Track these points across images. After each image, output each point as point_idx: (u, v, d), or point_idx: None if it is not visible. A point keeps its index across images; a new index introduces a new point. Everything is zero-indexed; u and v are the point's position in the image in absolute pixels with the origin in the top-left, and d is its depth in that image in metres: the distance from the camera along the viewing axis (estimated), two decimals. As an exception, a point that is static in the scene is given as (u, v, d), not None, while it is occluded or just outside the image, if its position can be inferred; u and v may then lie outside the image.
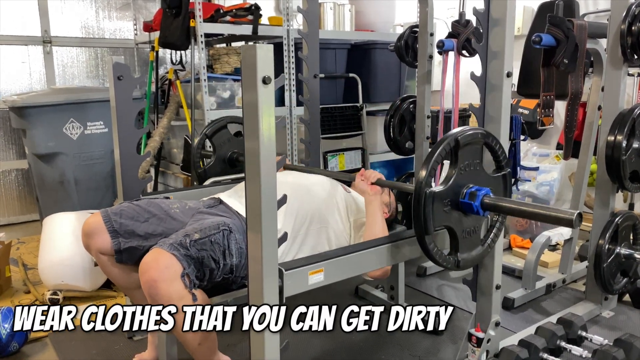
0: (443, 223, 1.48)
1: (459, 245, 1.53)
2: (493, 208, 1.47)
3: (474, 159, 1.51)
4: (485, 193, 1.47)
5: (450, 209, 1.48)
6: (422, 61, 2.69)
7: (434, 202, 1.42)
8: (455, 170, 1.47)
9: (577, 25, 2.00)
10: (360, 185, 1.93)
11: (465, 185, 1.49)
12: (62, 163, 3.03)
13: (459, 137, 1.44)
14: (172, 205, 1.82)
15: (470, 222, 1.54)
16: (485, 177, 1.55)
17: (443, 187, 1.45)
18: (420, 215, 1.41)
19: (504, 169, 1.60)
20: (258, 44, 1.16)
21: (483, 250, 1.61)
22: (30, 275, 2.80)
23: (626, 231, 2.23)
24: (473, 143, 1.49)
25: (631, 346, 1.82)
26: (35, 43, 3.95)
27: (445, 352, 2.05)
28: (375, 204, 1.88)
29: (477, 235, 1.59)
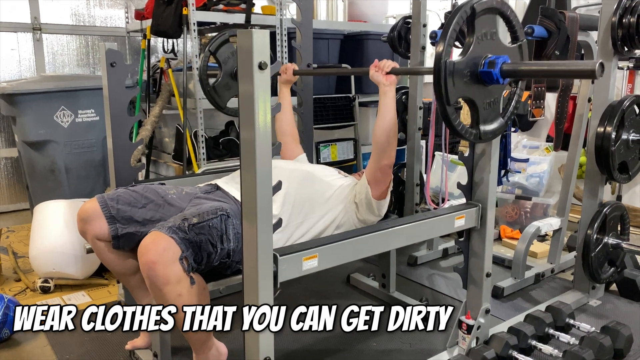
0: (463, 94, 1.43)
1: (480, 117, 1.50)
2: (513, 73, 1.44)
3: (490, 29, 1.46)
4: (504, 60, 1.43)
5: (470, 81, 1.43)
6: (415, 52, 2.70)
7: (454, 73, 1.37)
8: (473, 39, 1.41)
9: (568, 18, 2.02)
10: (375, 76, 1.88)
11: (484, 56, 1.44)
12: (53, 151, 3.00)
13: (475, 4, 1.38)
14: (169, 191, 1.82)
15: (490, 93, 1.50)
16: (503, 47, 1.50)
17: (462, 57, 1.40)
18: (441, 87, 1.36)
19: (520, 39, 1.55)
20: (254, 30, 1.16)
21: (503, 122, 1.57)
22: (21, 264, 2.79)
23: (614, 221, 2.27)
24: (488, 11, 1.43)
25: (617, 333, 1.86)
26: (24, 30, 3.91)
27: (436, 340, 2.07)
28: (390, 94, 1.85)
29: (497, 106, 1.54)
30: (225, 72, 2.50)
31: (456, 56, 1.39)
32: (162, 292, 1.47)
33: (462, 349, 1.85)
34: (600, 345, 1.78)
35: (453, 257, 2.99)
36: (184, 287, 1.49)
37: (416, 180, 2.83)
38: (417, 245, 3.00)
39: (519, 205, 3.30)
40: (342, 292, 2.51)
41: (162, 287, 1.46)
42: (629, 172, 2.22)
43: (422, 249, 2.99)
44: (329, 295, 2.46)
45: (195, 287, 1.51)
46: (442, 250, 2.99)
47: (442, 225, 1.78)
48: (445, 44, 1.34)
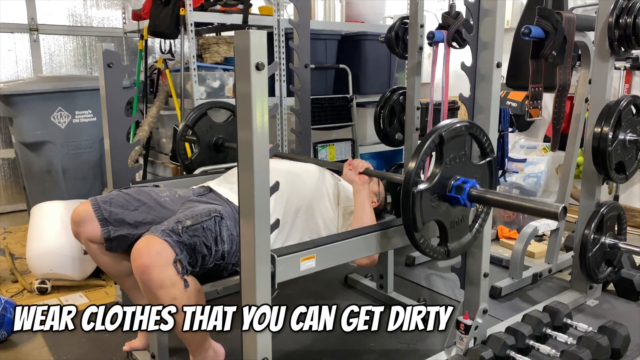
0: (432, 217, 1.50)
1: (448, 236, 1.55)
2: (480, 200, 1.49)
3: (459, 151, 1.53)
4: (472, 185, 1.49)
5: (439, 202, 1.50)
6: (412, 52, 2.70)
7: (422, 198, 1.44)
8: (441, 167, 1.49)
9: (565, 18, 2.03)
10: (349, 175, 1.94)
11: (452, 177, 1.51)
12: (50, 152, 3.00)
13: (443, 132, 1.46)
14: (162, 194, 1.82)
15: (458, 212, 1.56)
16: (471, 166, 1.57)
17: (429, 183, 1.46)
18: (409, 213, 1.43)
19: (489, 155, 1.62)
20: (251, 30, 1.16)
21: (472, 237, 1.64)
22: (18, 265, 2.78)
23: (611, 221, 2.27)
24: (458, 136, 1.51)
25: (615, 333, 1.86)
26: (21, 30, 3.90)
27: (434, 340, 2.08)
28: (363, 193, 1.89)
29: (465, 223, 1.60)
30: (203, 146, 2.52)
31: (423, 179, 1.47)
32: (156, 296, 1.47)
33: (460, 349, 1.85)
34: (598, 345, 1.78)
35: (451, 258, 2.99)
36: (178, 290, 1.48)
37: (414, 181, 2.83)
38: (415, 246, 3.00)
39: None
40: (340, 292, 2.51)
41: (157, 290, 1.46)
42: (625, 172, 2.22)
43: (419, 249, 2.99)
44: (326, 296, 2.46)
45: (189, 290, 1.50)
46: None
47: (439, 225, 1.78)
48: (413, 173, 1.42)
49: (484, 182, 1.61)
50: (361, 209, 1.86)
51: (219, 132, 2.54)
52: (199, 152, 2.51)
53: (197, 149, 2.52)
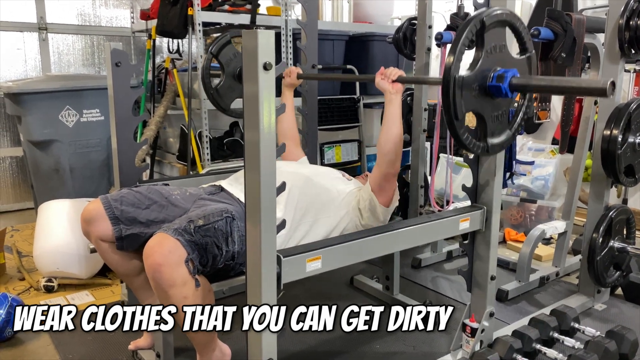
0: (472, 108, 1.43)
1: (487, 130, 1.49)
2: (522, 88, 1.43)
3: (499, 42, 1.45)
4: (513, 74, 1.42)
5: (479, 94, 1.43)
6: (420, 53, 2.69)
7: (463, 87, 1.37)
8: (482, 54, 1.41)
9: (575, 20, 2.01)
10: (381, 84, 1.88)
11: (492, 69, 1.44)
12: (58, 150, 3.01)
13: (484, 17, 1.37)
14: (173, 192, 1.82)
15: (498, 106, 1.49)
16: (511, 59, 1.49)
17: (471, 70, 1.39)
18: (449, 102, 1.36)
19: (528, 50, 1.54)
20: (259, 30, 1.16)
21: (511, 134, 1.56)
22: (25, 263, 2.79)
23: (620, 225, 2.25)
24: (497, 25, 1.43)
25: (623, 338, 1.85)
26: (30, 29, 3.92)
27: (440, 342, 2.07)
28: (396, 102, 1.84)
29: (504, 118, 1.54)
30: (228, 74, 2.49)
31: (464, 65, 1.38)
32: (167, 295, 1.47)
33: (466, 352, 1.84)
34: (606, 349, 1.77)
35: (457, 260, 2.98)
36: (190, 289, 1.48)
37: (420, 182, 2.82)
38: (421, 248, 2.99)
39: (523, 208, 3.28)
40: (346, 294, 2.51)
41: (168, 289, 1.46)
42: (635, 176, 2.20)
43: (426, 251, 2.98)
44: (332, 297, 2.46)
45: (200, 289, 1.51)
46: (447, 253, 2.98)
47: (446, 227, 1.77)
48: (455, 58, 1.34)
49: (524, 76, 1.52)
50: (392, 120, 1.82)
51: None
52: (224, 80, 2.48)
53: (223, 78, 2.48)
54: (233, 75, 2.50)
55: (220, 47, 2.43)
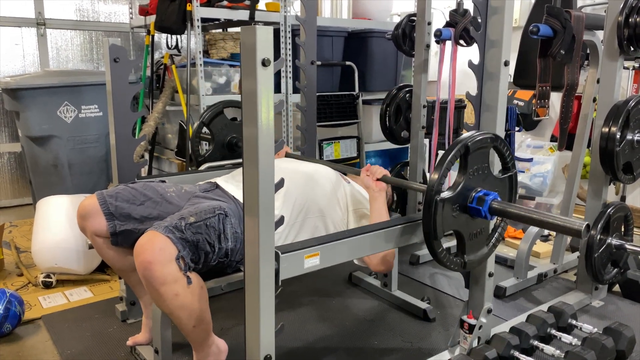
0: (452, 227, 1.50)
1: (466, 247, 1.55)
2: (501, 213, 1.49)
3: (482, 163, 1.53)
4: (493, 198, 1.49)
5: (459, 213, 1.50)
6: (419, 50, 2.69)
7: (444, 207, 1.44)
8: (464, 176, 1.48)
9: (574, 17, 2.01)
10: (366, 181, 1.91)
11: (474, 189, 1.51)
12: (56, 146, 3.01)
13: (469, 143, 1.46)
14: (168, 189, 1.82)
15: (477, 225, 1.56)
16: (493, 179, 1.57)
17: (452, 192, 1.46)
18: (430, 222, 1.43)
19: (511, 170, 1.62)
20: (258, 26, 1.15)
21: (488, 250, 1.63)
22: (23, 258, 2.79)
23: (618, 222, 2.25)
24: (483, 147, 1.51)
25: (620, 334, 1.85)
26: (28, 25, 3.91)
27: (437, 338, 2.07)
28: (380, 200, 1.87)
29: (482, 236, 1.60)
30: (217, 143, 2.53)
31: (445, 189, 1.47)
32: (158, 292, 1.47)
33: (464, 349, 1.85)
34: (603, 346, 1.77)
35: (455, 256, 2.98)
36: (181, 286, 1.48)
37: (419, 179, 2.82)
38: (419, 244, 3.00)
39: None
40: (344, 290, 2.51)
41: (159, 287, 1.45)
42: (633, 173, 2.20)
43: (424, 248, 2.98)
44: (330, 294, 2.46)
45: (192, 286, 1.50)
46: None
47: (444, 224, 1.77)
48: (437, 181, 1.42)
49: (504, 196, 1.61)
50: (378, 216, 1.84)
51: (234, 131, 2.55)
52: (212, 149, 2.51)
53: (212, 146, 2.51)
54: (222, 145, 2.55)
55: (211, 117, 2.48)
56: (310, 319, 2.21)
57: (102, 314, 2.23)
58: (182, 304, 1.50)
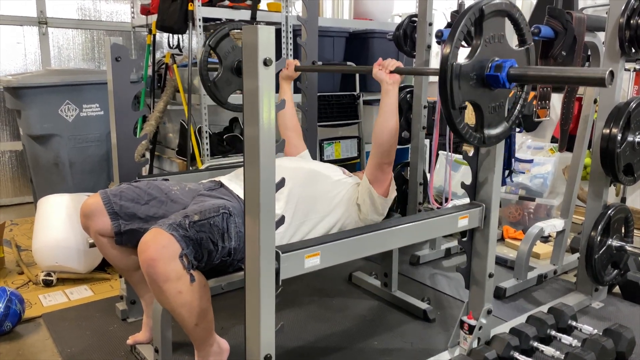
0: (469, 98, 1.42)
1: (484, 121, 1.48)
2: (520, 78, 1.42)
3: (498, 31, 1.44)
4: (511, 64, 1.42)
5: (476, 84, 1.42)
6: (420, 51, 2.69)
7: (460, 75, 1.36)
8: (481, 42, 1.40)
9: (576, 18, 2.01)
10: (379, 75, 1.87)
11: (490, 59, 1.43)
12: (57, 145, 3.01)
13: (484, 6, 1.37)
14: (172, 188, 1.82)
15: (496, 97, 1.48)
16: (510, 50, 1.49)
17: (468, 60, 1.39)
18: (446, 90, 1.35)
19: (527, 42, 1.54)
20: (260, 25, 1.15)
21: (508, 126, 1.56)
22: (24, 257, 2.79)
23: (618, 223, 2.26)
24: (497, 14, 1.42)
25: (620, 336, 1.85)
26: (30, 24, 3.91)
27: (437, 339, 2.07)
28: (393, 93, 1.83)
29: (502, 110, 1.53)
30: (226, 67, 2.48)
31: (462, 58, 1.38)
32: (161, 290, 1.47)
33: (464, 349, 1.85)
34: (603, 347, 1.77)
35: (456, 257, 2.98)
36: (184, 284, 1.48)
37: (420, 180, 2.82)
38: (420, 245, 3.00)
39: (522, 206, 3.29)
40: (344, 290, 2.51)
41: (162, 284, 1.46)
42: (634, 175, 2.21)
43: (424, 248, 2.99)
44: (330, 294, 2.46)
45: (195, 284, 1.51)
46: (445, 250, 2.98)
47: (445, 224, 1.77)
48: (452, 45, 1.33)
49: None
50: (389, 110, 1.81)
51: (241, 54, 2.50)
52: (222, 73, 2.47)
53: (220, 70, 2.48)
54: (231, 69, 2.50)
55: (218, 39, 2.42)
56: (310, 319, 2.21)
57: (103, 312, 2.24)
58: (184, 302, 1.50)
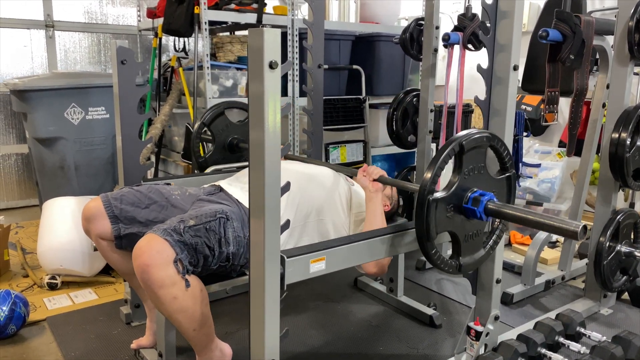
0: (446, 228, 1.46)
1: (461, 249, 1.52)
2: (496, 214, 1.45)
3: (478, 163, 1.49)
4: (489, 198, 1.45)
5: (454, 214, 1.46)
6: (427, 54, 2.68)
7: (437, 208, 1.41)
8: (459, 176, 1.45)
9: (584, 21, 1.99)
10: (362, 181, 1.91)
11: (469, 189, 1.47)
12: (63, 148, 3.01)
13: (464, 141, 1.42)
14: (173, 192, 1.81)
15: (473, 226, 1.53)
16: (489, 180, 1.53)
17: (446, 192, 1.43)
18: (422, 222, 1.40)
19: (509, 170, 1.58)
20: (265, 28, 1.14)
21: (485, 253, 1.60)
22: (29, 260, 2.79)
23: (627, 229, 2.23)
24: (478, 147, 1.47)
25: (629, 343, 1.83)
26: (37, 27, 3.93)
27: (444, 345, 2.05)
28: (376, 200, 1.86)
29: (479, 238, 1.57)
30: (218, 144, 2.52)
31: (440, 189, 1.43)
32: (157, 295, 1.45)
33: (470, 356, 1.83)
34: (612, 355, 1.75)
35: (462, 262, 2.95)
36: (179, 289, 1.46)
37: (426, 184, 2.80)
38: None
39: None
40: (349, 295, 2.49)
41: (157, 290, 1.44)
42: (643, 180, 2.18)
43: (430, 253, 2.96)
44: (335, 299, 2.44)
45: (191, 289, 1.48)
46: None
47: (452, 230, 1.75)
48: (430, 180, 1.38)
49: (502, 198, 1.57)
50: (373, 216, 1.83)
51: (235, 132, 2.55)
52: (213, 150, 2.51)
53: (212, 147, 2.51)
54: (224, 146, 2.54)
55: (212, 118, 2.47)
56: (315, 324, 2.20)
57: (107, 316, 2.23)
58: (180, 307, 1.48)
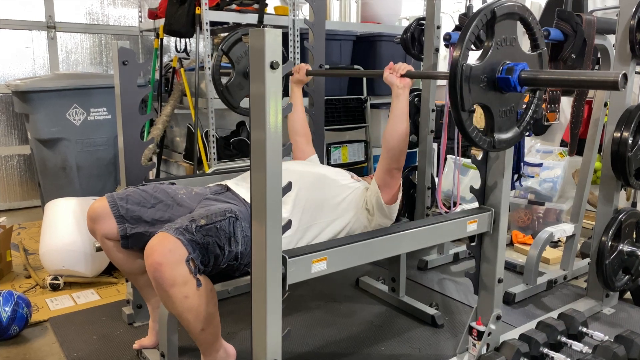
0: (479, 100, 1.39)
1: (495, 125, 1.45)
2: (531, 82, 1.39)
3: (510, 34, 1.42)
4: (523, 68, 1.39)
5: (487, 87, 1.40)
6: (428, 54, 2.68)
7: (471, 77, 1.34)
8: (492, 44, 1.38)
9: (585, 21, 1.99)
10: (390, 79, 1.86)
11: (502, 62, 1.40)
12: (65, 149, 3.02)
13: (496, 7, 1.34)
14: (179, 191, 1.81)
15: (507, 101, 1.46)
16: (521, 54, 1.46)
17: (479, 61, 1.37)
18: (456, 92, 1.32)
19: (540, 47, 1.51)
20: (266, 29, 1.15)
21: (519, 131, 1.53)
22: (31, 261, 2.80)
23: (629, 228, 2.23)
24: (509, 16, 1.40)
25: (632, 343, 1.82)
26: (39, 28, 3.93)
27: (446, 345, 2.05)
28: (403, 97, 1.82)
29: (513, 115, 1.50)
30: (238, 72, 2.49)
31: (473, 60, 1.35)
32: (168, 294, 1.46)
33: (472, 356, 1.83)
34: (614, 354, 1.75)
35: (464, 262, 2.96)
36: (191, 289, 1.47)
37: (428, 184, 2.80)
38: (428, 250, 2.98)
39: (531, 210, 3.26)
40: (351, 295, 2.49)
41: (169, 288, 1.45)
42: (645, 179, 2.18)
43: (432, 253, 2.96)
44: (337, 299, 2.44)
45: (202, 289, 1.50)
46: (453, 255, 2.96)
47: (453, 229, 1.75)
48: (463, 47, 1.31)
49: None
50: (400, 114, 1.80)
51: None
52: (234, 77, 2.48)
53: (233, 74, 2.49)
54: (243, 73, 2.50)
55: (230, 44, 2.43)
56: (317, 324, 2.20)
57: (109, 316, 2.23)
58: (191, 307, 1.49)
